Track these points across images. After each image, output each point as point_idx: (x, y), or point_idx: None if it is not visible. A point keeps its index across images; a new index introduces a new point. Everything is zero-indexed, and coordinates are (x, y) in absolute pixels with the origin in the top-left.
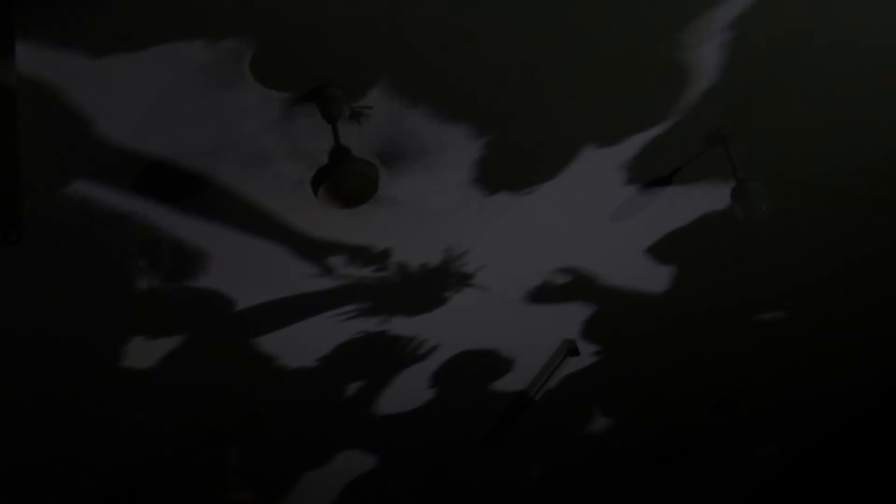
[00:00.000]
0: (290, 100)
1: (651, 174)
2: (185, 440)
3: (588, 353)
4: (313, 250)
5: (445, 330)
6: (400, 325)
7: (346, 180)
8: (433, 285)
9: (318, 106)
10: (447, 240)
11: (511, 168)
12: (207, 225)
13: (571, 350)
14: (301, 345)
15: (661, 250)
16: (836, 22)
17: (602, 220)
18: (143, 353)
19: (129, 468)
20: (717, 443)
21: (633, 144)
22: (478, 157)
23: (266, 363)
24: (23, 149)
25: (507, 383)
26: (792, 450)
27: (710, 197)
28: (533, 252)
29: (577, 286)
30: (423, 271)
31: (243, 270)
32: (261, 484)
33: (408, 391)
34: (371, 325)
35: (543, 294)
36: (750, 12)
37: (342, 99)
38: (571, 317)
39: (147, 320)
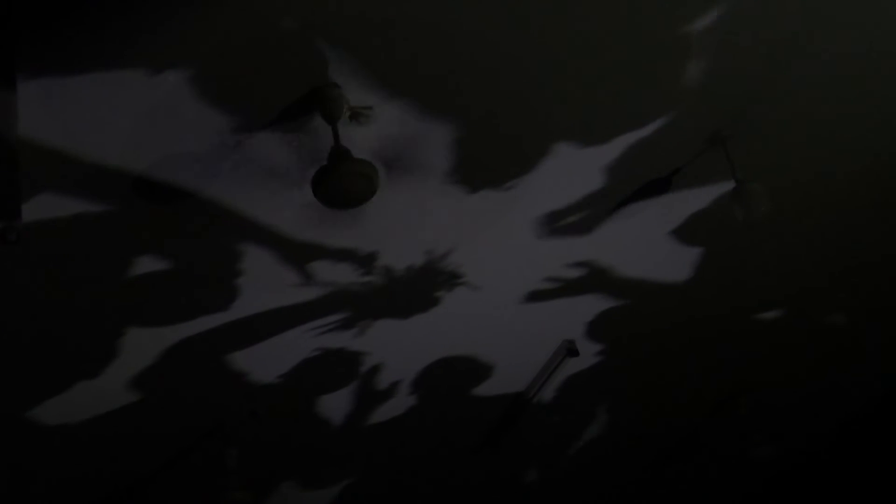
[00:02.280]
0: (290, 101)
1: (650, 175)
2: (185, 440)
3: (588, 354)
4: (304, 255)
5: (441, 333)
6: (394, 328)
7: (346, 181)
8: (426, 288)
9: (317, 106)
10: (438, 241)
11: (502, 167)
12: (206, 226)
13: (571, 350)
14: (293, 351)
15: (660, 251)
16: (835, 23)
17: (599, 220)
18: (143, 353)
19: (129, 468)
20: (717, 443)
21: (632, 144)
22: (469, 155)
23: (264, 367)
24: (21, 153)
25: (506, 385)
26: (791, 450)
27: (709, 198)
28: (528, 252)
29: (574, 287)
30: (414, 274)
31: (240, 273)
32: (259, 484)
33: (405, 394)
34: (363, 329)
35: (543, 295)
36: (748, 13)
37: (342, 99)
38: (571, 317)
39: (144, 320)
